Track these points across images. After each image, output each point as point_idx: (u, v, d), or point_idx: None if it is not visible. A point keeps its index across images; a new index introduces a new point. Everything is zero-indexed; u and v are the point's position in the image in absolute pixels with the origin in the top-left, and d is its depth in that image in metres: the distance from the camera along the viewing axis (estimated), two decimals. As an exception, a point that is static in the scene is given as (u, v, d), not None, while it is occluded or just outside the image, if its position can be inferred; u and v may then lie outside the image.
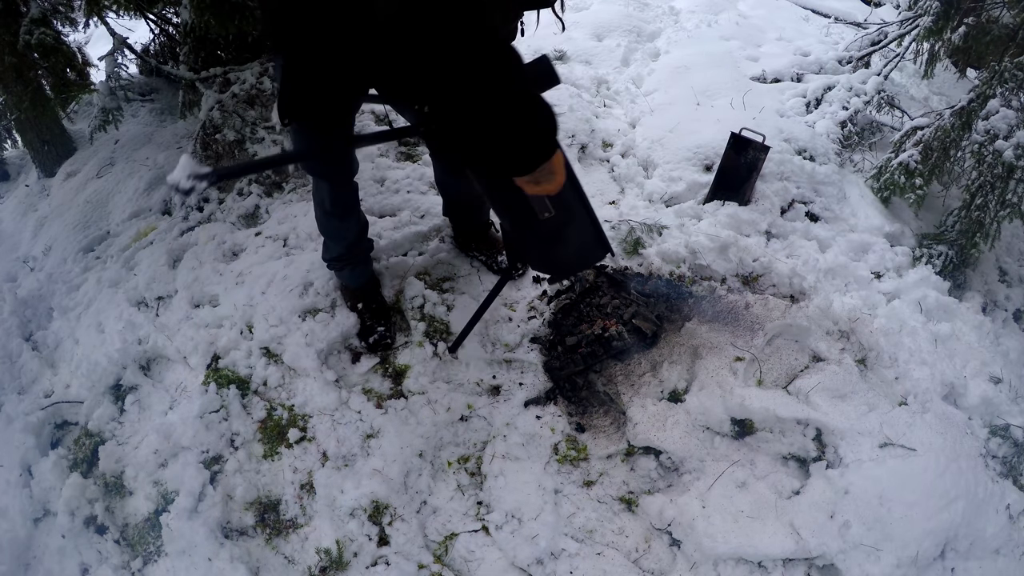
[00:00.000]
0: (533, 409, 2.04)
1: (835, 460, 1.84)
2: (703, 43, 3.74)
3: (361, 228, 2.15)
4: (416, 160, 2.93)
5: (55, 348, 2.48)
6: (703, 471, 1.86)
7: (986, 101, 2.34)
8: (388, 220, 2.57)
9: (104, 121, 3.04)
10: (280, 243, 2.55)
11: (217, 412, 2.06)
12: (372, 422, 1.99)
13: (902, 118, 2.99)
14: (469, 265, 2.40)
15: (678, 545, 1.78)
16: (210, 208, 2.87)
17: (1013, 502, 1.78)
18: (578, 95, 3.29)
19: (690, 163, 2.78)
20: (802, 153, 2.81)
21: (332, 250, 2.12)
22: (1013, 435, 1.92)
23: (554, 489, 1.87)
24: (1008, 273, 2.60)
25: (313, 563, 1.77)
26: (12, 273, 2.91)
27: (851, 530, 1.69)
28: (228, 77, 2.96)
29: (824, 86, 3.17)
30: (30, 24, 2.73)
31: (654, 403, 2.01)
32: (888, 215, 2.59)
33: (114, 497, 2.00)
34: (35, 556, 1.94)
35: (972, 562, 1.71)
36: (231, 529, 1.86)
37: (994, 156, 2.27)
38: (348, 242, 2.10)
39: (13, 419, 2.20)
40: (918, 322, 2.16)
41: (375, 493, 1.84)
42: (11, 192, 3.71)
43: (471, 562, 1.75)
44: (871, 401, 1.94)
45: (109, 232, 2.97)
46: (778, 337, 2.12)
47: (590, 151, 3.00)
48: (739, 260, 2.35)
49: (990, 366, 2.09)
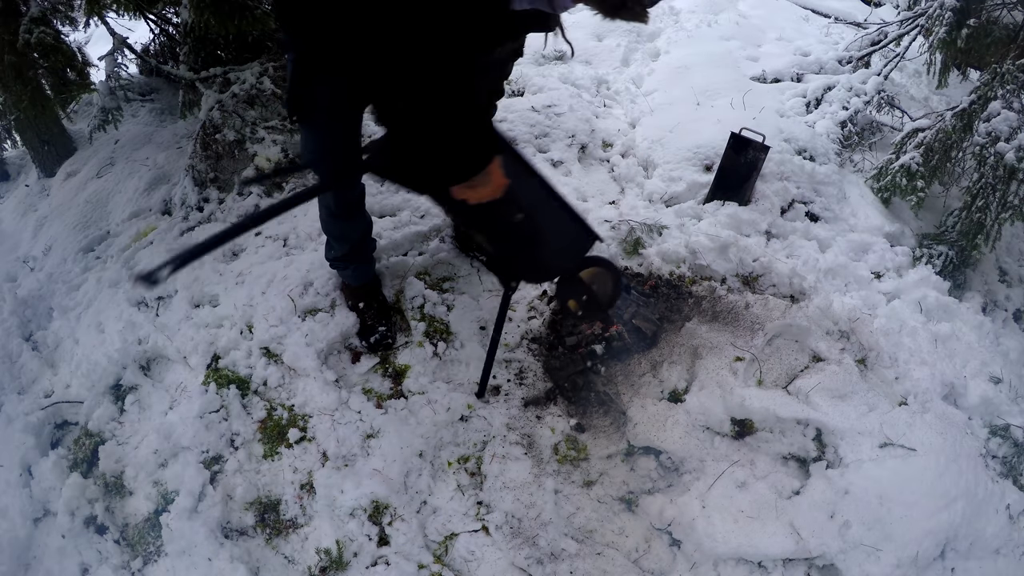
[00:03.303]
0: (533, 409, 2.04)
1: (835, 460, 1.84)
2: (703, 43, 3.74)
3: (366, 228, 2.15)
4: (416, 160, 2.92)
5: (55, 348, 2.48)
6: (703, 471, 1.86)
7: (987, 103, 2.34)
8: (388, 220, 2.57)
9: (104, 121, 3.04)
10: (280, 243, 2.55)
11: (217, 412, 2.06)
12: (372, 422, 1.99)
13: (902, 118, 2.99)
14: (469, 265, 2.40)
15: (678, 545, 1.78)
16: (210, 208, 2.86)
17: (1013, 502, 1.78)
18: (578, 95, 3.29)
19: (690, 163, 2.78)
20: (802, 153, 2.81)
21: (336, 250, 2.12)
22: (1013, 435, 1.92)
23: (554, 489, 1.87)
24: (1008, 273, 2.60)
25: (313, 563, 1.77)
26: (12, 273, 2.91)
27: (851, 530, 1.69)
28: (228, 77, 2.96)
29: (824, 86, 3.16)
30: (30, 23, 2.72)
31: (654, 403, 2.01)
32: (888, 215, 2.59)
33: (114, 497, 2.00)
34: (35, 556, 1.94)
35: (972, 562, 1.71)
36: (231, 529, 1.86)
37: (996, 158, 2.27)
38: (353, 242, 2.10)
39: (13, 419, 2.20)
40: (918, 322, 2.16)
41: (375, 493, 1.84)
42: (11, 192, 3.71)
43: (471, 562, 1.75)
44: (871, 401, 1.94)
45: (109, 232, 2.97)
46: (778, 337, 2.12)
47: (590, 151, 3.00)
48: (739, 260, 2.35)
49: (990, 366, 2.09)
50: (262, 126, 2.90)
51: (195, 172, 2.93)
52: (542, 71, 3.52)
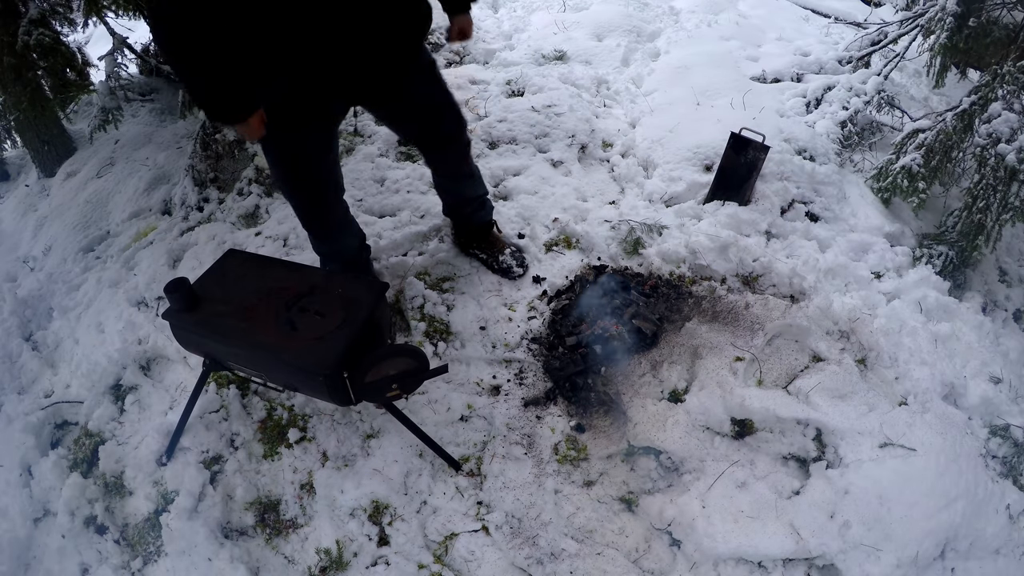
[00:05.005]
0: (533, 409, 2.04)
1: (835, 460, 1.84)
2: (703, 43, 3.74)
3: (359, 242, 2.18)
4: (416, 160, 2.93)
5: (55, 348, 2.48)
6: (703, 471, 1.86)
7: (988, 104, 2.34)
8: (388, 220, 2.57)
9: (104, 121, 3.04)
10: (280, 243, 2.55)
11: (217, 412, 2.06)
12: (372, 422, 1.99)
13: (902, 118, 2.99)
14: (469, 265, 2.40)
15: (678, 545, 1.78)
16: (210, 208, 2.87)
17: (1013, 502, 1.78)
18: (578, 95, 3.29)
19: (690, 163, 2.78)
20: (802, 153, 2.81)
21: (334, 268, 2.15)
22: (1013, 435, 1.92)
23: (554, 489, 1.87)
24: (1008, 273, 2.59)
25: (313, 563, 1.77)
26: (12, 273, 2.91)
27: (851, 530, 1.69)
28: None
29: (824, 86, 3.16)
30: (29, 25, 2.73)
31: (654, 403, 2.01)
32: (888, 215, 2.59)
33: (114, 497, 2.00)
34: (35, 556, 1.94)
35: (972, 562, 1.71)
36: (231, 529, 1.86)
37: (996, 159, 2.27)
38: (346, 260, 2.14)
39: (13, 419, 2.20)
40: (918, 322, 2.16)
41: (375, 493, 1.85)
42: (11, 192, 3.71)
43: (471, 562, 1.75)
44: (871, 401, 1.94)
45: (109, 232, 2.97)
46: (778, 337, 2.12)
47: (590, 151, 3.00)
48: (739, 260, 2.35)
49: (990, 366, 2.09)
50: (262, 126, 2.90)
51: (195, 172, 2.93)
52: (542, 71, 3.52)
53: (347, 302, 1.72)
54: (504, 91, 3.38)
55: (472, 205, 2.29)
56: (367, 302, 1.72)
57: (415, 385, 1.73)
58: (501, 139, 3.02)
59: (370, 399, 1.73)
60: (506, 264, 2.36)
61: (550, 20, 4.14)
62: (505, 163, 2.87)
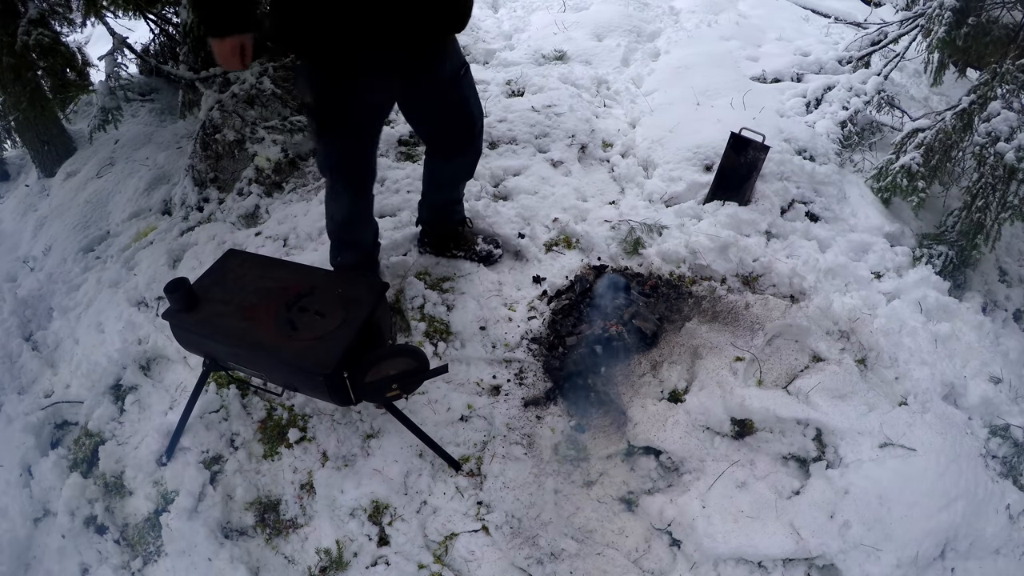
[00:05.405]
0: (533, 409, 2.04)
1: (835, 460, 1.84)
2: (703, 43, 3.74)
3: (375, 234, 2.22)
4: (416, 160, 2.93)
5: (55, 348, 2.48)
6: (703, 471, 1.86)
7: (987, 103, 2.34)
8: (388, 220, 2.57)
9: (104, 121, 3.03)
10: (280, 243, 2.55)
11: (217, 412, 2.06)
12: (372, 422, 1.99)
13: (902, 118, 2.99)
14: (469, 265, 2.40)
15: (678, 545, 1.78)
16: (210, 208, 2.87)
17: (1013, 502, 1.78)
18: (578, 95, 3.29)
19: (690, 163, 2.78)
20: (802, 153, 2.81)
21: (348, 258, 2.17)
22: (1013, 435, 1.91)
23: (554, 489, 1.87)
24: (1008, 273, 2.59)
25: (313, 563, 1.77)
26: (12, 273, 2.91)
27: (851, 530, 1.69)
28: (228, 77, 2.96)
29: (824, 86, 3.17)
30: (28, 25, 2.72)
31: (654, 403, 2.01)
32: (888, 215, 2.59)
33: (114, 497, 2.00)
34: (35, 556, 1.94)
35: (972, 562, 1.71)
36: (231, 529, 1.86)
37: (995, 158, 2.27)
38: (366, 248, 2.17)
39: (13, 419, 2.20)
40: (918, 322, 2.16)
41: (375, 493, 1.84)
42: (11, 192, 3.71)
43: (471, 562, 1.74)
44: (871, 401, 1.94)
45: (109, 232, 2.97)
46: (778, 337, 2.12)
47: (590, 151, 3.00)
48: (739, 260, 2.35)
49: (990, 366, 2.09)
50: (262, 126, 2.91)
51: (195, 172, 2.93)
52: (542, 71, 3.52)
53: (347, 302, 1.72)
54: (504, 91, 3.38)
55: (456, 204, 2.35)
56: (367, 302, 1.72)
57: (415, 385, 1.73)
58: (501, 139, 3.02)
59: (370, 399, 1.74)
60: (484, 252, 2.41)
61: (550, 20, 4.14)
62: (505, 163, 2.87)
